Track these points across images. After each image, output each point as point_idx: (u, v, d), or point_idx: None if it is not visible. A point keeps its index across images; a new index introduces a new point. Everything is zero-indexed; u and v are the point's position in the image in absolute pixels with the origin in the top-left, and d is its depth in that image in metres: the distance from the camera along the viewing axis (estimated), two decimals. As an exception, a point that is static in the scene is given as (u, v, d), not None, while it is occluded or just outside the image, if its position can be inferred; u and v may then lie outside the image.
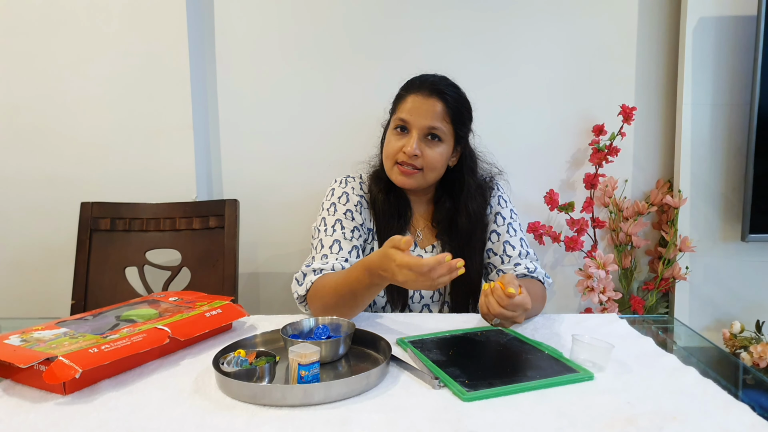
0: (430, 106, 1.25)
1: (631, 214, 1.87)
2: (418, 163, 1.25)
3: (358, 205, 1.32)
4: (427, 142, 1.26)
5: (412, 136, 1.25)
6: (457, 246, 1.32)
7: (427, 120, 1.24)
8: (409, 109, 1.26)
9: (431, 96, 1.25)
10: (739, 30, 1.80)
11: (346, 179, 1.37)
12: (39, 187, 1.86)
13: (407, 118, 1.25)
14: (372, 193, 1.34)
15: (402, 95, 1.31)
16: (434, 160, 1.26)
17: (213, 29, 1.89)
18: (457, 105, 1.28)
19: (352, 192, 1.33)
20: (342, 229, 1.27)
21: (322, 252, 1.24)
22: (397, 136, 1.27)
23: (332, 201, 1.32)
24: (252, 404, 0.76)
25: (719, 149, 1.85)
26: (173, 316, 1.01)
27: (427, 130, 1.25)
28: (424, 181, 1.29)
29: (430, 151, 1.25)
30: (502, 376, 0.84)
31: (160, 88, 1.82)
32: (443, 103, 1.25)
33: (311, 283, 1.17)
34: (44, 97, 1.83)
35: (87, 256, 1.68)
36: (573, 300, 2.01)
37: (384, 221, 1.32)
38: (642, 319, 1.24)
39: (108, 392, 0.81)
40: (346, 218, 1.29)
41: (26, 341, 0.88)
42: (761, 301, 1.87)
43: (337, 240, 1.25)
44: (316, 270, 1.19)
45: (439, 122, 1.25)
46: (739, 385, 0.93)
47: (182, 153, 1.84)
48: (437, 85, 1.27)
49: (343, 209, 1.30)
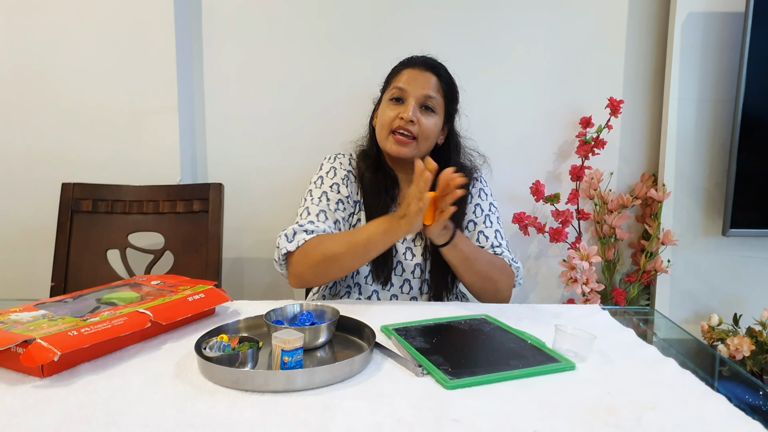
0: (426, 78, 1.31)
1: (615, 206, 1.89)
2: (414, 130, 1.29)
3: (345, 178, 1.35)
4: (422, 111, 1.30)
5: (408, 103, 1.29)
6: None
7: (424, 89, 1.30)
8: (406, 79, 1.31)
9: (426, 70, 1.32)
10: (726, 26, 1.81)
11: (335, 155, 1.41)
12: (19, 166, 1.82)
13: (404, 87, 1.30)
14: (360, 169, 1.39)
15: (397, 70, 1.36)
16: (428, 129, 1.30)
17: (200, 10, 1.85)
18: (449, 81, 1.36)
19: (339, 166, 1.37)
20: (327, 201, 1.30)
21: (309, 218, 1.26)
22: (393, 106, 1.31)
23: (320, 174, 1.37)
24: (234, 389, 0.75)
25: (704, 145, 1.87)
26: (155, 299, 1.00)
27: (423, 99, 1.30)
28: (418, 151, 1.32)
29: (425, 119, 1.30)
30: (485, 365, 0.84)
31: (145, 69, 1.79)
32: (437, 77, 1.32)
33: (303, 241, 1.20)
34: (26, 75, 1.79)
35: (68, 237, 1.66)
36: (556, 291, 2.03)
37: (371, 197, 1.35)
38: (624, 310, 1.25)
39: (87, 376, 0.80)
40: (332, 191, 1.32)
41: (3, 323, 0.86)
42: (739, 295, 1.91)
43: (323, 210, 1.28)
44: (308, 230, 1.22)
45: (435, 93, 1.31)
46: (716, 376, 0.95)
47: (167, 135, 1.81)
48: (431, 61, 1.35)
49: (329, 182, 1.34)
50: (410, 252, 1.36)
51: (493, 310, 1.13)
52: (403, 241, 1.36)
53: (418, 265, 1.36)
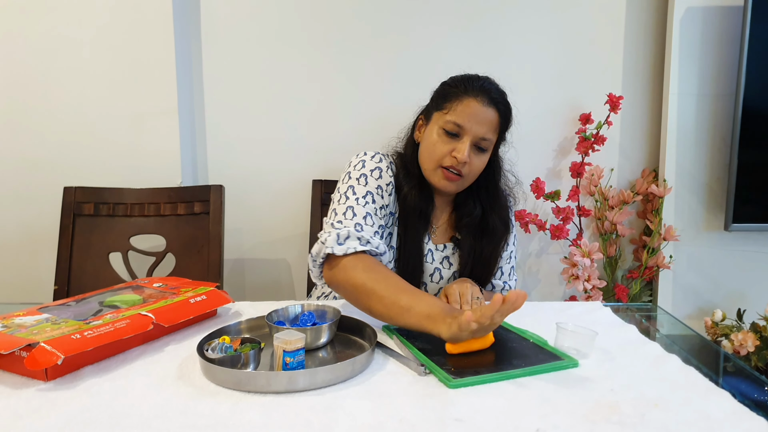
0: (488, 116, 1.20)
1: (616, 203, 1.88)
2: (465, 170, 1.21)
3: (389, 185, 1.24)
4: (475, 150, 1.21)
5: (464, 142, 1.19)
6: (481, 248, 1.31)
7: (482, 130, 1.19)
8: (468, 114, 1.19)
9: (491, 105, 1.20)
10: (725, 20, 1.80)
11: (380, 156, 1.27)
12: (21, 170, 1.83)
13: (463, 124, 1.19)
14: (401, 187, 1.27)
15: (456, 94, 1.21)
16: (477, 169, 1.24)
17: (199, 11, 1.86)
18: (507, 117, 1.24)
19: (385, 170, 1.25)
20: (373, 203, 1.19)
21: (356, 220, 1.14)
22: (446, 139, 1.21)
23: (363, 172, 1.22)
24: (236, 391, 0.75)
25: (704, 139, 1.86)
26: (157, 302, 1.00)
27: (479, 141, 1.20)
28: (463, 186, 1.26)
29: (476, 159, 1.22)
30: (488, 364, 0.84)
31: (145, 72, 1.79)
32: (499, 115, 1.21)
33: (354, 250, 1.08)
34: (27, 80, 1.79)
35: (70, 241, 1.66)
36: (558, 288, 2.02)
37: (410, 217, 1.27)
38: (626, 307, 1.25)
39: (91, 378, 0.80)
40: (377, 194, 1.21)
41: (7, 327, 0.87)
42: (742, 290, 1.90)
43: (369, 213, 1.16)
44: (362, 240, 1.10)
45: (491, 134, 1.22)
46: (720, 372, 0.95)
47: (167, 137, 1.81)
48: (498, 95, 1.22)
49: (375, 184, 1.21)
50: (438, 273, 1.31)
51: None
52: (432, 261, 1.30)
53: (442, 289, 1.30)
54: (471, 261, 1.30)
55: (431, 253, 1.31)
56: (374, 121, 1.90)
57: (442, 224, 1.35)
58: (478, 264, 1.31)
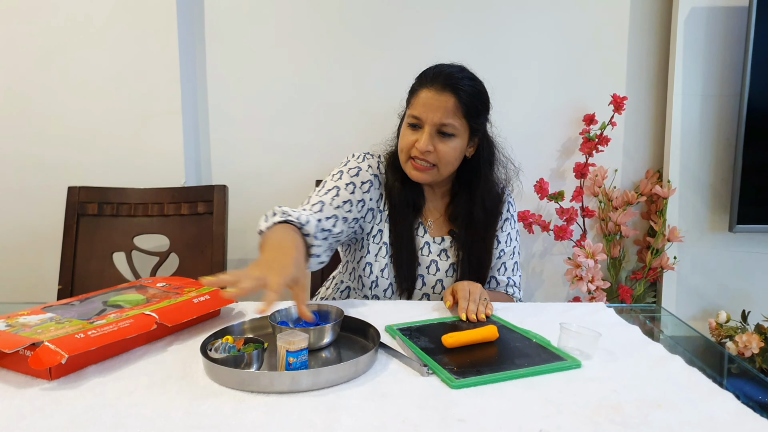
0: (441, 102, 1.21)
1: (620, 203, 1.88)
2: (431, 158, 1.23)
3: (367, 183, 1.29)
4: (440, 137, 1.23)
5: (424, 131, 1.22)
6: (471, 239, 1.32)
7: (438, 116, 1.21)
8: (422, 104, 1.23)
9: (444, 91, 1.21)
10: (730, 21, 1.80)
11: (364, 155, 1.33)
12: (25, 170, 1.83)
13: (419, 115, 1.23)
14: (388, 181, 1.32)
15: (415, 89, 1.27)
16: (447, 155, 1.24)
17: (202, 12, 1.86)
18: (471, 98, 1.24)
19: (366, 169, 1.30)
20: (335, 196, 1.23)
21: (302, 206, 1.22)
22: (411, 131, 1.25)
23: (341, 169, 1.30)
24: (239, 391, 0.76)
25: (708, 140, 1.86)
26: (161, 301, 1.00)
27: (439, 127, 1.22)
28: (439, 175, 1.27)
29: (443, 146, 1.23)
30: (491, 364, 0.84)
31: (148, 72, 1.80)
32: (456, 98, 1.21)
33: (273, 223, 1.11)
34: (31, 80, 1.80)
35: (74, 240, 1.66)
36: (561, 289, 2.02)
37: (398, 210, 1.30)
38: (629, 308, 1.24)
39: (94, 378, 0.80)
40: (345, 189, 1.25)
41: (12, 326, 0.87)
42: (747, 291, 1.90)
43: (322, 201, 1.22)
44: (285, 213, 1.13)
45: (451, 118, 1.22)
46: (724, 373, 0.94)
47: (171, 137, 1.82)
48: (450, 79, 1.22)
49: (347, 179, 1.27)
50: (435, 265, 1.32)
51: (498, 310, 1.12)
52: (428, 254, 1.32)
53: (439, 281, 1.33)
54: (465, 253, 1.32)
55: (428, 246, 1.32)
56: (376, 122, 1.88)
57: (439, 217, 1.36)
58: (473, 256, 1.32)
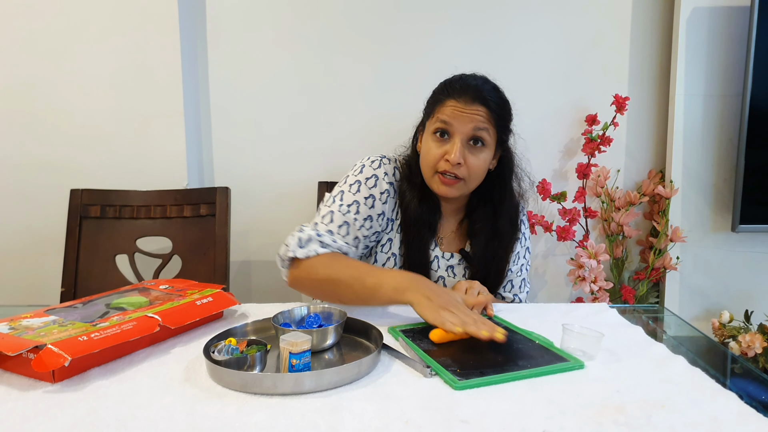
0: (474, 112, 1.16)
1: (622, 204, 1.88)
2: (461, 172, 1.17)
3: (385, 193, 1.22)
4: (470, 148, 1.18)
5: (454, 142, 1.16)
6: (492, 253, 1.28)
7: (470, 126, 1.16)
8: (450, 114, 1.17)
9: (474, 101, 1.16)
10: (732, 21, 1.79)
11: (380, 161, 1.25)
12: (28, 173, 1.84)
13: (450, 122, 1.16)
14: (404, 196, 1.25)
15: (440, 99, 1.20)
16: (477, 167, 1.19)
17: (204, 14, 1.86)
18: (500, 108, 1.20)
19: (383, 177, 1.23)
20: (356, 213, 1.19)
21: (329, 227, 1.17)
22: (438, 142, 1.19)
23: (358, 179, 1.22)
24: (242, 393, 0.76)
25: (711, 140, 1.85)
26: (164, 304, 1.00)
27: (470, 137, 1.17)
28: (467, 189, 1.22)
29: (473, 158, 1.17)
30: (494, 365, 0.84)
31: (150, 74, 1.80)
32: (486, 108, 1.17)
33: (315, 253, 1.11)
34: (34, 82, 1.80)
35: (77, 243, 1.67)
36: (564, 289, 2.02)
37: (413, 227, 1.25)
38: (632, 308, 1.24)
39: (97, 380, 0.80)
40: (365, 204, 1.20)
41: (15, 329, 0.87)
42: (750, 291, 1.89)
43: (347, 222, 1.18)
44: (324, 244, 1.13)
45: (484, 126, 1.17)
46: (727, 374, 0.94)
47: (173, 140, 1.82)
48: (480, 91, 1.17)
49: (366, 192, 1.21)
50: (442, 282, 1.28)
51: (500, 311, 1.12)
52: (437, 269, 1.28)
53: None
54: (483, 266, 1.27)
55: (437, 260, 1.29)
56: (380, 124, 1.90)
57: (451, 233, 1.32)
58: (492, 269, 1.28)
